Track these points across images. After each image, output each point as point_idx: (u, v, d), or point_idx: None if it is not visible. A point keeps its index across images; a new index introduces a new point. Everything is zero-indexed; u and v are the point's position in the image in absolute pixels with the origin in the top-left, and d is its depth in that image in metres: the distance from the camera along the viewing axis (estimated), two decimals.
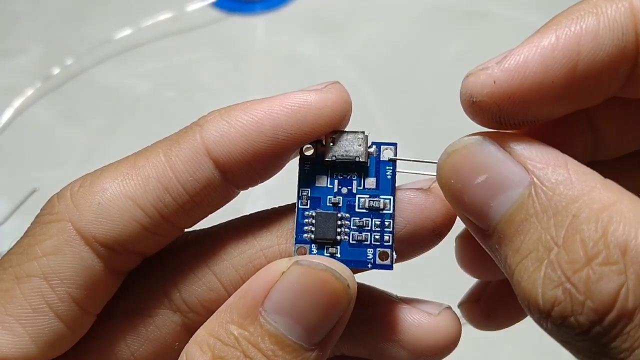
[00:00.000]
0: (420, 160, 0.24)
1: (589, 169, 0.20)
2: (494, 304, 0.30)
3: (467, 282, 0.31)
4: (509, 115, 0.21)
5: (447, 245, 0.28)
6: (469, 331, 0.29)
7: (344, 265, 0.23)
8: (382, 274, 0.27)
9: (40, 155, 0.65)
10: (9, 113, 0.66)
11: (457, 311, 0.28)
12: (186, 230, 0.25)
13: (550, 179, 0.20)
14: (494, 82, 0.21)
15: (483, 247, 0.22)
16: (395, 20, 0.74)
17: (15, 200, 0.60)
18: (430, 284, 0.54)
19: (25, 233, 0.24)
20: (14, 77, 0.69)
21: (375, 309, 0.27)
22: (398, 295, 0.28)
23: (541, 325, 0.20)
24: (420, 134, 0.61)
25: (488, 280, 0.30)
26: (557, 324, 0.19)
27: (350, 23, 0.73)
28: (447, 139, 0.22)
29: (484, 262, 0.27)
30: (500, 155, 0.21)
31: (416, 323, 0.26)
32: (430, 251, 0.26)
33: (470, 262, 0.29)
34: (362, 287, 0.27)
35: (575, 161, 0.20)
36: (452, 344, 0.26)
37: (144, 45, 0.71)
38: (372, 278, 0.28)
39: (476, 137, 0.22)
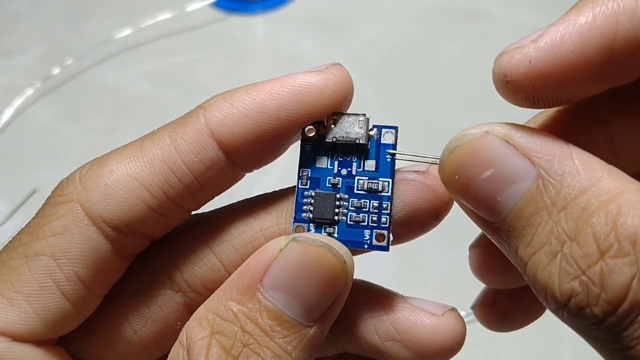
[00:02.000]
0: (422, 156, 0.24)
1: (594, 157, 0.20)
2: (510, 304, 0.30)
3: (469, 282, 0.31)
4: (543, 95, 0.21)
5: (449, 245, 0.28)
6: (470, 329, 0.29)
7: (341, 243, 0.24)
8: (385, 272, 0.27)
9: (40, 155, 0.65)
10: (9, 113, 0.66)
11: (463, 313, 0.28)
12: (193, 213, 0.26)
13: (557, 170, 0.20)
14: (530, 62, 0.20)
15: (490, 239, 0.22)
16: (395, 20, 0.74)
17: (15, 200, 0.60)
18: (432, 284, 0.55)
19: (35, 214, 0.24)
20: (14, 77, 0.69)
21: (379, 307, 0.27)
22: (403, 294, 0.28)
23: (557, 315, 0.20)
24: (420, 134, 0.61)
25: (505, 288, 0.30)
26: (573, 314, 0.19)
27: (350, 23, 0.74)
28: (448, 138, 0.22)
29: (500, 270, 0.27)
30: (505, 149, 0.21)
31: (419, 323, 0.26)
32: (432, 251, 0.26)
33: (486, 271, 0.29)
34: (365, 285, 0.27)
35: (580, 150, 0.20)
36: (455, 345, 0.26)
37: (144, 45, 0.71)
38: (374, 276, 0.28)
39: (479, 130, 0.21)
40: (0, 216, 0.60)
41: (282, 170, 0.52)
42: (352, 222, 0.25)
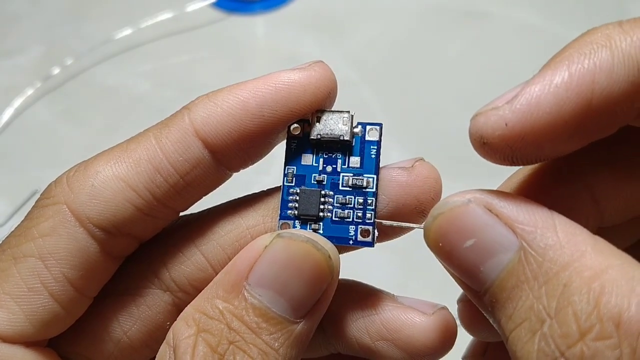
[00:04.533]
0: (407, 225, 0.24)
1: (578, 227, 0.20)
2: (500, 356, 0.29)
3: None
4: (521, 155, 0.21)
5: None
6: (463, 333, 0.28)
7: (325, 239, 0.24)
8: (380, 270, 0.26)
9: (40, 155, 0.65)
10: (9, 113, 0.66)
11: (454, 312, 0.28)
12: (181, 214, 0.26)
13: (540, 243, 0.19)
14: (506, 125, 0.20)
15: (477, 307, 0.22)
16: (395, 20, 0.74)
17: (15, 200, 0.60)
18: (430, 284, 0.54)
19: (24, 217, 0.24)
20: (14, 77, 0.69)
21: (370, 306, 0.26)
22: (395, 294, 0.27)
23: None
24: (420, 133, 0.61)
25: (494, 341, 0.29)
26: None
27: (350, 23, 0.74)
28: (447, 138, 0.22)
29: (488, 325, 0.27)
30: (487, 218, 0.20)
31: (409, 322, 0.26)
32: (429, 251, 0.26)
33: (474, 325, 0.28)
34: (356, 284, 0.27)
35: (565, 220, 0.20)
36: (446, 344, 0.26)
37: (144, 45, 0.71)
38: (373, 275, 0.28)
39: (462, 198, 0.21)
40: (1, 216, 0.60)
41: (281, 170, 0.52)
42: (337, 219, 0.25)
